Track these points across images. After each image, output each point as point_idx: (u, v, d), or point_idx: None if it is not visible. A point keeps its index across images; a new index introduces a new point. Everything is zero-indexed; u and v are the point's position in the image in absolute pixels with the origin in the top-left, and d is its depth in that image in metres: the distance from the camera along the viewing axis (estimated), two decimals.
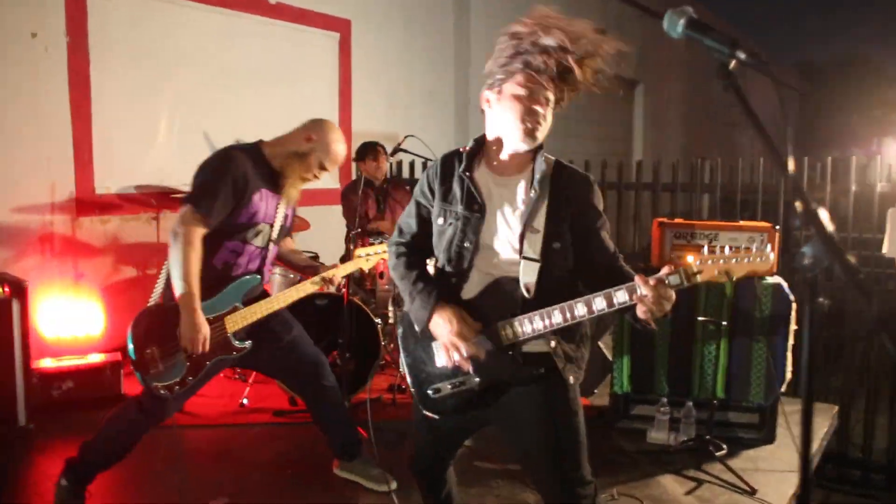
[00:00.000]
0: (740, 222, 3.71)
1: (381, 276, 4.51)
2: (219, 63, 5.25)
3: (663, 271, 1.73)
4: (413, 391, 2.07)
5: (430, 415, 2.03)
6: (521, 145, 1.92)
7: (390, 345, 4.46)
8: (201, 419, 3.81)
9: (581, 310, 1.81)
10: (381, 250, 3.06)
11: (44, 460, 3.29)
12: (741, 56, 1.12)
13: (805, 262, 1.02)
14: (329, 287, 2.91)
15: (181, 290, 2.44)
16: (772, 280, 3.44)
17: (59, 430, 3.55)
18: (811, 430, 1.18)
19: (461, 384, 1.95)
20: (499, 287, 1.92)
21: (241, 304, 2.66)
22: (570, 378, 1.92)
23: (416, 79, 6.86)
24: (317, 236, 4.83)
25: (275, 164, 2.71)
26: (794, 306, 3.43)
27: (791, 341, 3.44)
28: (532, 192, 1.92)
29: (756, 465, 3.31)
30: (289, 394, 3.92)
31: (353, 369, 3.76)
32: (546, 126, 1.92)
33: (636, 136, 11.74)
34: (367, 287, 4.56)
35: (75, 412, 3.77)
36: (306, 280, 2.89)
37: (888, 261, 4.53)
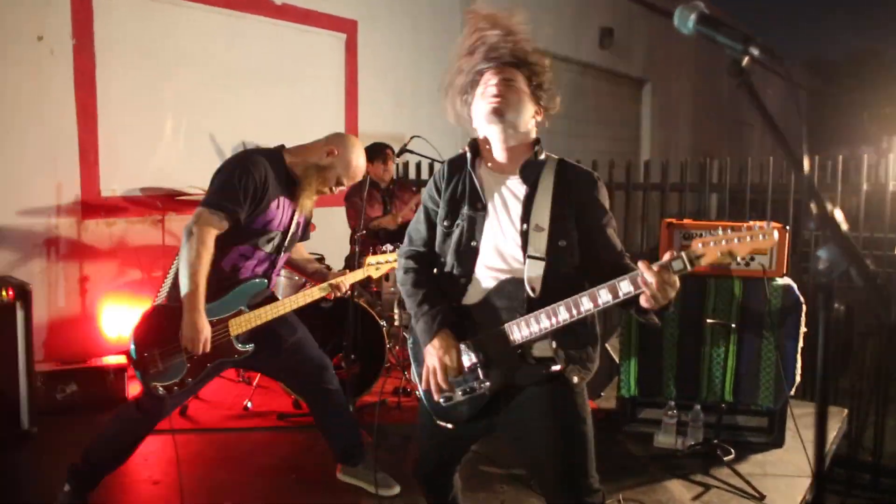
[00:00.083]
0: (749, 222, 3.65)
1: (387, 278, 4.48)
2: (225, 64, 5.23)
3: (666, 257, 1.70)
4: (424, 400, 2.04)
5: (443, 424, 1.99)
6: (490, 128, 1.93)
7: (395, 347, 4.43)
8: (204, 423, 3.79)
9: (586, 304, 1.78)
10: (392, 259, 3.04)
11: (47, 464, 3.27)
12: (755, 52, 1.08)
13: (820, 267, 0.98)
14: (336, 294, 2.90)
15: (187, 289, 2.42)
16: (781, 281, 3.39)
17: (62, 433, 3.53)
18: (825, 438, 1.14)
19: (472, 390, 1.92)
20: (504, 287, 1.89)
21: (247, 307, 2.64)
22: (574, 378, 1.89)
23: (423, 79, 6.82)
24: (322, 237, 4.79)
25: (294, 172, 2.69)
26: (804, 308, 3.37)
27: (801, 344, 3.38)
28: (524, 188, 1.91)
29: (765, 469, 3.26)
30: (292, 396, 3.89)
31: (357, 372, 3.74)
32: (514, 105, 1.90)
33: (644, 135, 11.66)
34: (373, 290, 4.53)
35: (79, 415, 3.75)
36: (314, 286, 2.88)
37: None
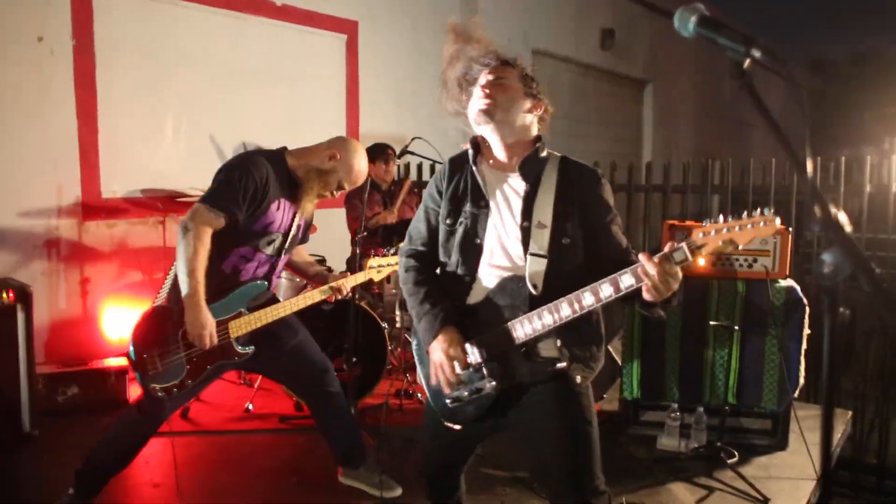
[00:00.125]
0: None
1: (389, 280, 4.47)
2: (226, 65, 5.22)
3: (667, 247, 1.69)
4: (431, 402, 2.03)
5: (451, 426, 1.99)
6: (482, 128, 1.95)
7: (397, 349, 4.42)
8: (206, 425, 3.78)
9: (588, 299, 1.77)
10: (395, 261, 3.03)
11: (48, 466, 3.26)
12: (756, 55, 1.07)
13: (825, 271, 0.96)
14: (337, 296, 2.89)
15: (187, 286, 2.41)
16: (784, 283, 3.37)
17: (63, 435, 3.53)
18: (831, 445, 1.12)
19: (479, 391, 1.91)
20: (506, 285, 1.89)
21: (247, 309, 2.63)
22: (578, 378, 1.88)
23: (424, 80, 6.81)
24: (323, 239, 4.79)
25: (296, 174, 2.69)
26: (807, 310, 3.36)
27: (804, 345, 3.37)
28: (525, 185, 1.91)
29: (768, 472, 3.25)
30: (294, 399, 3.88)
31: (359, 374, 3.72)
32: (503, 104, 1.91)
33: (645, 136, 11.64)
34: (375, 291, 4.52)
35: (80, 418, 3.75)
36: (315, 288, 2.87)
37: None
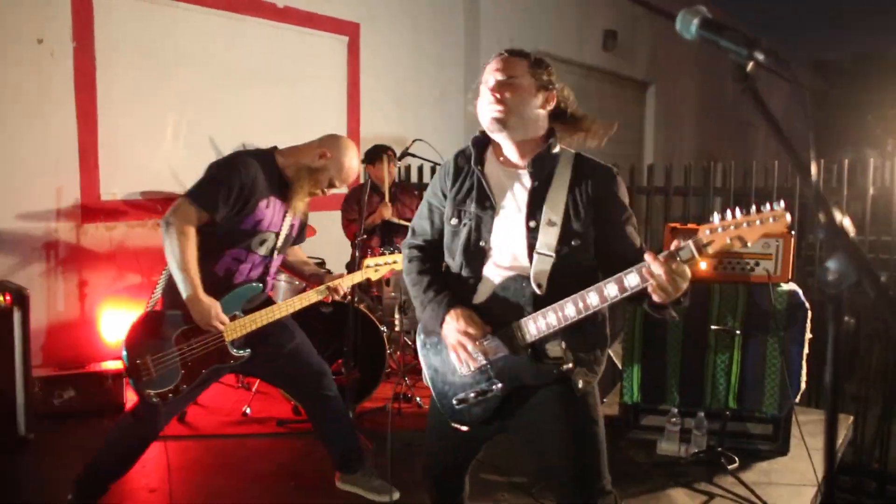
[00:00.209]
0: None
1: (388, 283, 4.45)
2: (226, 67, 5.21)
3: (673, 246, 1.64)
4: (437, 403, 2.01)
5: (458, 427, 1.97)
6: (496, 135, 1.90)
7: (396, 353, 4.40)
8: (203, 429, 3.76)
9: (593, 299, 1.73)
10: (392, 260, 3.01)
11: (44, 470, 3.24)
12: (759, 57, 1.04)
13: (830, 278, 0.94)
14: (334, 297, 2.87)
15: (181, 279, 2.43)
16: (787, 287, 3.35)
17: (60, 439, 3.51)
18: (835, 451, 1.10)
19: (485, 392, 1.89)
20: (510, 285, 1.86)
21: (242, 312, 2.61)
22: (580, 383, 1.85)
23: (425, 81, 6.80)
24: (322, 241, 4.77)
25: (286, 173, 2.67)
26: (809, 314, 3.33)
27: (806, 350, 3.34)
28: (535, 182, 1.86)
29: (769, 478, 3.22)
30: (292, 403, 3.86)
31: (357, 378, 3.70)
32: (515, 108, 1.83)
33: (647, 137, 11.61)
34: (374, 294, 4.50)
35: (77, 421, 3.72)
36: (311, 289, 2.85)
37: None
